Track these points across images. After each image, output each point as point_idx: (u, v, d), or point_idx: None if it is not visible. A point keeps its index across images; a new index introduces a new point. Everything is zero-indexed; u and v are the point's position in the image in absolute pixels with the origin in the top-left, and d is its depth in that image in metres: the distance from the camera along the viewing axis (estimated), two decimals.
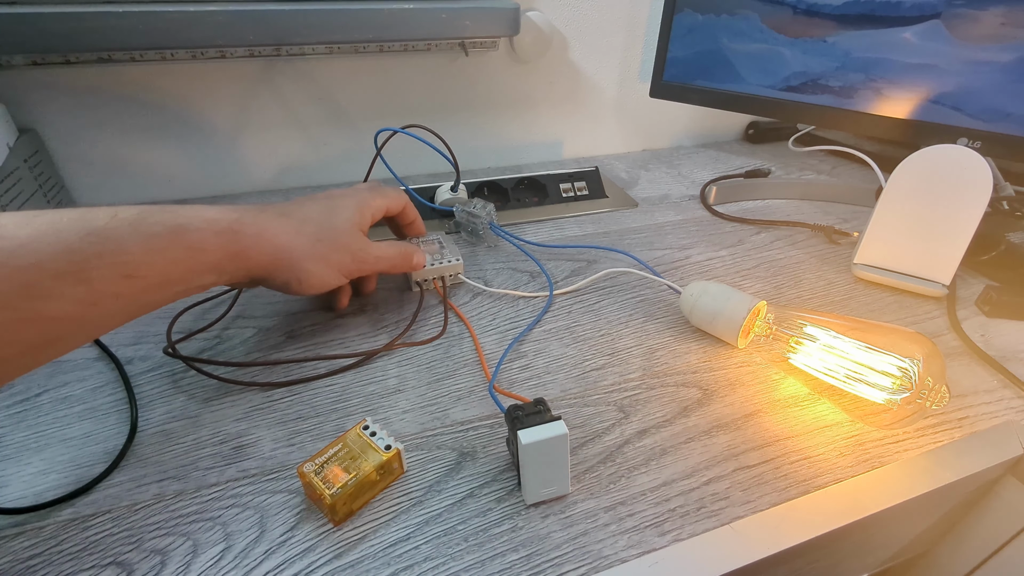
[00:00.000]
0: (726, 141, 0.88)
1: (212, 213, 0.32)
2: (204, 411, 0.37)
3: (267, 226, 0.35)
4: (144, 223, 0.29)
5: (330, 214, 0.39)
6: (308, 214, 0.38)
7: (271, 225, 0.35)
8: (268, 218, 0.35)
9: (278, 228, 0.35)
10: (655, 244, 0.57)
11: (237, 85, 0.62)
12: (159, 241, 0.29)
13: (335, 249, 0.38)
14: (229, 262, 0.33)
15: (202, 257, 0.31)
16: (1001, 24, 0.48)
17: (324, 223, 0.38)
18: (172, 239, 0.30)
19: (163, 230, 0.29)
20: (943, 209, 0.47)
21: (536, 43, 0.68)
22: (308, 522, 0.30)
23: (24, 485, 0.32)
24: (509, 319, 0.46)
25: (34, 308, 0.25)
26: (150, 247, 0.29)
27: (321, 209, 0.39)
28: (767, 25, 0.60)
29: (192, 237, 0.31)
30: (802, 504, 0.32)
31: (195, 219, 0.31)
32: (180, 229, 0.30)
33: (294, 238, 0.36)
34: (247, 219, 0.34)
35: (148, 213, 0.29)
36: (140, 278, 0.28)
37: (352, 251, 0.39)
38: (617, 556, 0.29)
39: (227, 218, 0.33)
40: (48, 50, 0.52)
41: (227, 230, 0.32)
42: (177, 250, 0.30)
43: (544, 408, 0.31)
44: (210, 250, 0.31)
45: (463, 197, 0.59)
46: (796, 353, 0.40)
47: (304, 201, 0.39)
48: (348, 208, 0.40)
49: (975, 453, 0.35)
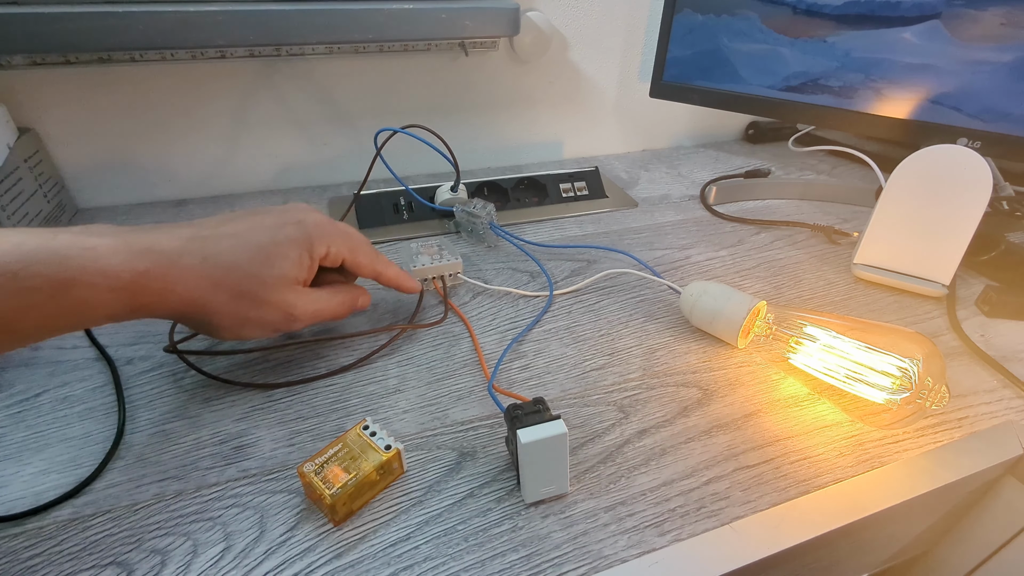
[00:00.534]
0: (726, 141, 0.88)
1: (114, 262, 0.28)
2: (204, 411, 0.37)
3: (179, 279, 0.30)
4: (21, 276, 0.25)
5: (264, 263, 0.33)
6: (236, 259, 0.32)
7: (185, 277, 0.30)
8: (184, 268, 0.30)
9: (192, 281, 0.31)
10: (655, 244, 0.57)
11: (237, 85, 0.62)
12: (38, 297, 0.26)
13: (258, 306, 0.33)
14: (128, 314, 0.30)
15: (90, 312, 0.28)
16: (1001, 24, 0.48)
17: (252, 273, 0.33)
18: (54, 296, 0.26)
19: (44, 285, 0.26)
20: (943, 209, 0.47)
21: (536, 43, 0.68)
22: (308, 522, 0.30)
23: (24, 485, 0.32)
24: (509, 319, 0.46)
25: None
26: (26, 304, 0.26)
27: (253, 254, 0.33)
28: (767, 25, 0.60)
29: (79, 294, 0.27)
30: (802, 504, 0.32)
31: (89, 271, 0.27)
32: (67, 284, 0.26)
33: (209, 293, 0.31)
34: (156, 271, 0.29)
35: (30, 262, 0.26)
36: (13, 332, 0.26)
37: (282, 309, 0.34)
38: (617, 556, 0.29)
39: (130, 270, 0.28)
40: (48, 50, 0.52)
41: (127, 287, 0.28)
42: (59, 306, 0.27)
43: (543, 407, 0.31)
44: (101, 306, 0.28)
45: (463, 197, 0.59)
46: (796, 353, 0.40)
47: (240, 233, 0.33)
48: (290, 258, 0.34)
49: (975, 453, 0.35)
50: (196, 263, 0.31)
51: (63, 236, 0.27)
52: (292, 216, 0.35)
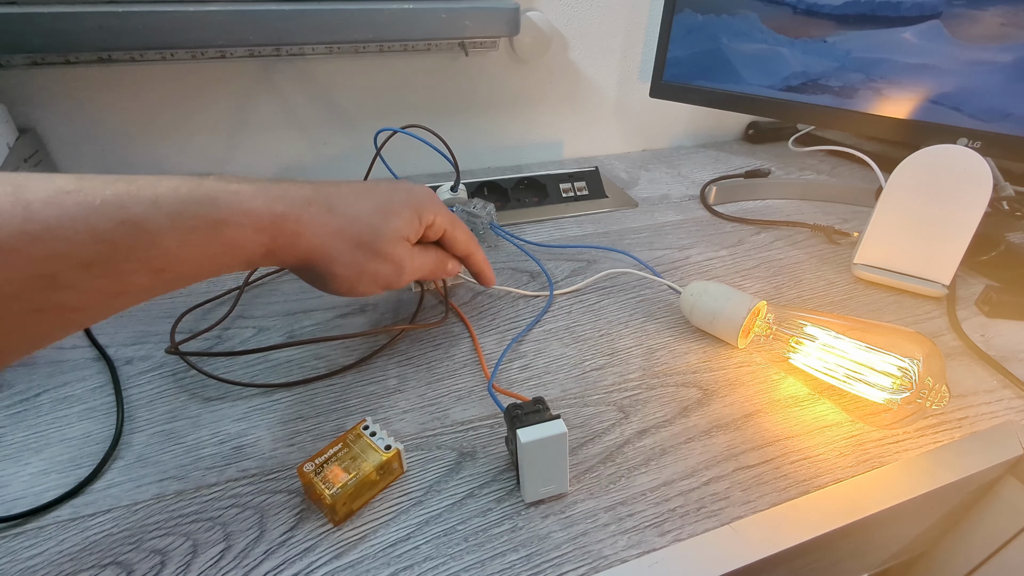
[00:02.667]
0: (726, 141, 0.88)
1: (257, 204, 0.29)
2: (204, 411, 0.37)
3: (310, 224, 0.32)
4: (184, 216, 0.26)
5: (383, 217, 0.35)
6: (359, 212, 0.34)
7: (314, 224, 0.32)
8: (313, 215, 0.32)
9: (320, 228, 0.32)
10: (655, 244, 0.57)
11: (237, 85, 0.62)
12: (197, 237, 0.27)
13: (374, 258, 0.35)
14: (263, 258, 0.31)
15: (238, 253, 0.29)
16: (1001, 24, 0.48)
17: (373, 226, 0.34)
18: (210, 235, 0.28)
19: (203, 225, 0.27)
20: (943, 209, 0.47)
21: (536, 43, 0.68)
22: (308, 522, 0.30)
23: (24, 485, 0.32)
24: (509, 319, 0.46)
25: (52, 299, 0.23)
26: (187, 243, 0.27)
27: (374, 209, 0.35)
28: (767, 25, 0.60)
29: (231, 234, 0.28)
30: (802, 504, 0.32)
31: (237, 212, 0.28)
32: (220, 224, 0.28)
33: (333, 240, 0.33)
34: (292, 214, 0.31)
35: (190, 203, 0.27)
36: (171, 271, 0.27)
37: (393, 263, 0.36)
38: (617, 556, 0.29)
39: (271, 212, 0.30)
40: (48, 50, 0.52)
41: (268, 227, 0.30)
42: (214, 246, 0.28)
43: (543, 407, 0.31)
44: (247, 246, 0.29)
45: (463, 197, 0.59)
46: (796, 353, 0.40)
47: (359, 191, 0.35)
48: (403, 217, 0.36)
49: (975, 453, 0.35)
50: (322, 211, 0.32)
51: (208, 182, 0.28)
52: (404, 185, 0.38)
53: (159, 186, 0.26)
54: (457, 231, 0.40)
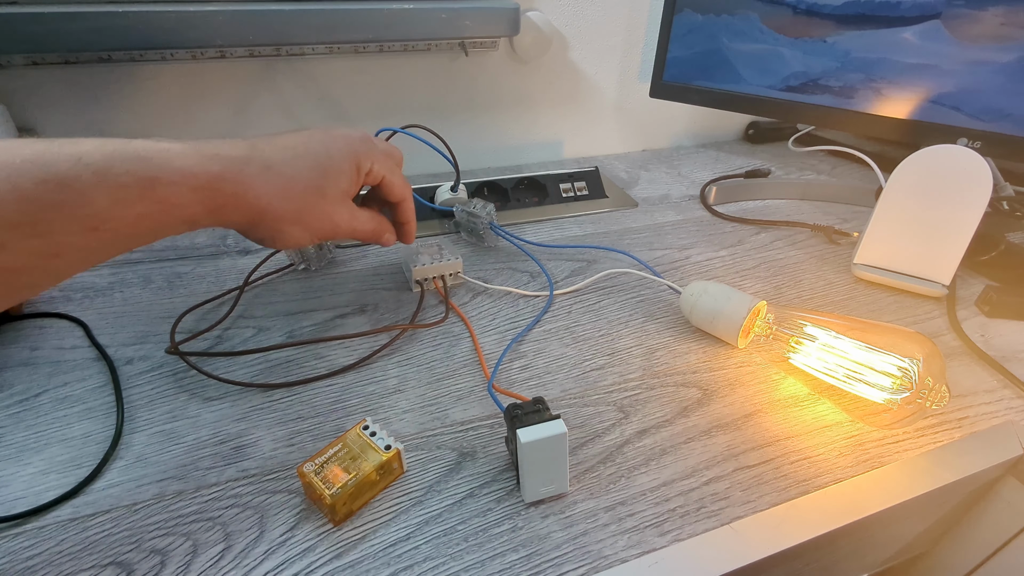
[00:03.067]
0: (726, 141, 0.88)
1: (189, 163, 0.29)
2: (204, 411, 0.37)
3: (250, 184, 0.31)
4: (112, 172, 0.26)
5: (322, 175, 0.35)
6: (298, 171, 0.34)
7: (254, 184, 0.32)
8: (252, 174, 0.31)
9: (261, 188, 0.32)
10: (655, 244, 0.57)
11: (237, 85, 0.62)
12: (128, 194, 0.26)
13: (316, 215, 0.35)
14: (205, 217, 0.30)
15: (176, 212, 0.28)
16: (1001, 24, 0.48)
17: (313, 184, 0.34)
18: (143, 192, 0.27)
19: (133, 182, 0.26)
20: (943, 209, 0.47)
21: (536, 43, 0.68)
22: (308, 522, 0.30)
23: (24, 485, 0.32)
24: (509, 319, 0.46)
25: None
26: (118, 199, 0.26)
27: (312, 166, 0.35)
28: (767, 25, 0.60)
29: (165, 192, 0.27)
30: (802, 504, 0.32)
31: (168, 170, 0.28)
32: (152, 182, 0.27)
33: (277, 200, 0.33)
34: (229, 175, 0.30)
35: (117, 159, 0.26)
36: (106, 230, 0.26)
37: (333, 220, 0.36)
38: (617, 556, 0.29)
39: (206, 172, 0.29)
40: (48, 50, 0.52)
41: (205, 186, 0.29)
42: (148, 204, 0.27)
43: (543, 407, 0.31)
44: (185, 205, 0.29)
45: (463, 197, 0.59)
46: (796, 353, 0.40)
47: (297, 147, 0.35)
48: (343, 172, 0.36)
49: (975, 453, 0.35)
50: (261, 171, 0.32)
51: (137, 141, 0.28)
52: (339, 131, 0.37)
53: (83, 144, 0.26)
54: (395, 177, 0.40)
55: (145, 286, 0.49)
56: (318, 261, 0.51)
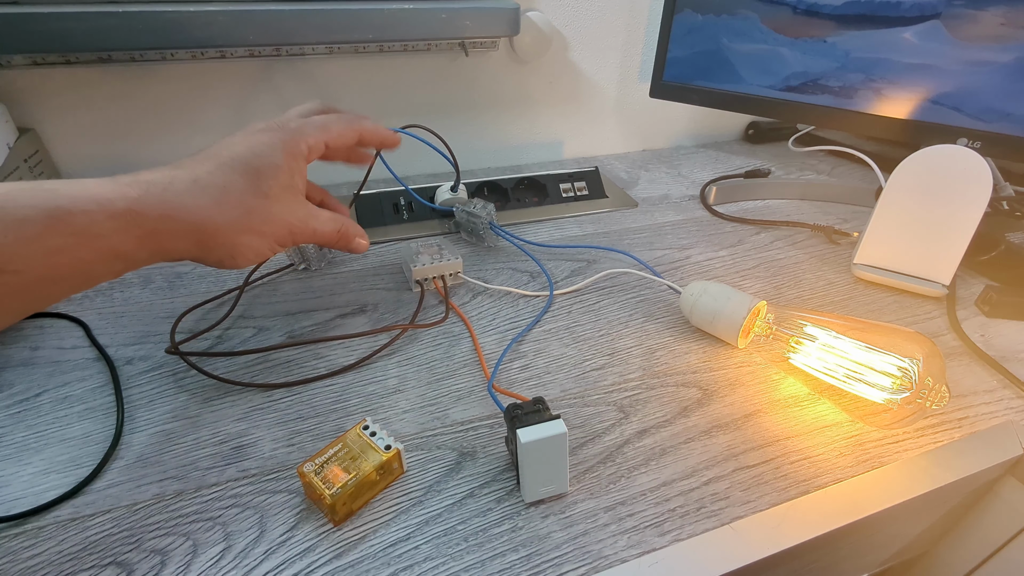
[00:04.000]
0: (726, 141, 0.88)
1: (105, 191, 0.27)
2: (204, 411, 0.37)
3: (178, 204, 0.29)
4: (11, 207, 0.24)
5: (256, 175, 0.32)
6: (229, 181, 0.31)
7: (183, 202, 0.29)
8: (178, 192, 0.29)
9: (191, 203, 0.29)
10: (655, 244, 0.57)
11: (237, 85, 0.62)
12: (32, 227, 0.24)
13: (265, 218, 0.32)
14: (137, 248, 0.28)
15: (98, 244, 0.26)
16: (1001, 24, 0.48)
17: (249, 187, 0.31)
18: (50, 224, 0.25)
19: (37, 214, 0.24)
20: (943, 209, 0.47)
21: (536, 43, 0.68)
22: (308, 522, 0.30)
23: (24, 485, 0.32)
24: (509, 319, 0.46)
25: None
26: (22, 235, 0.24)
27: (243, 169, 0.31)
28: (767, 25, 0.60)
29: (79, 222, 0.25)
30: (802, 504, 0.32)
31: (81, 199, 0.26)
32: (60, 212, 0.25)
33: (214, 212, 0.30)
34: (151, 198, 0.28)
35: (18, 192, 0.24)
36: (14, 272, 0.24)
37: (287, 220, 0.33)
38: (617, 556, 0.29)
39: (124, 198, 0.27)
40: (48, 50, 0.52)
41: (125, 213, 0.27)
42: (60, 237, 0.25)
43: (543, 407, 0.31)
44: (107, 235, 0.26)
45: (463, 197, 0.59)
46: (796, 353, 0.40)
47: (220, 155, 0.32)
48: (278, 166, 0.32)
49: (975, 453, 0.35)
50: (187, 187, 0.29)
51: (50, 182, 0.26)
52: (258, 125, 0.35)
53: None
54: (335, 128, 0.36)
55: (145, 286, 0.49)
56: (318, 261, 0.52)
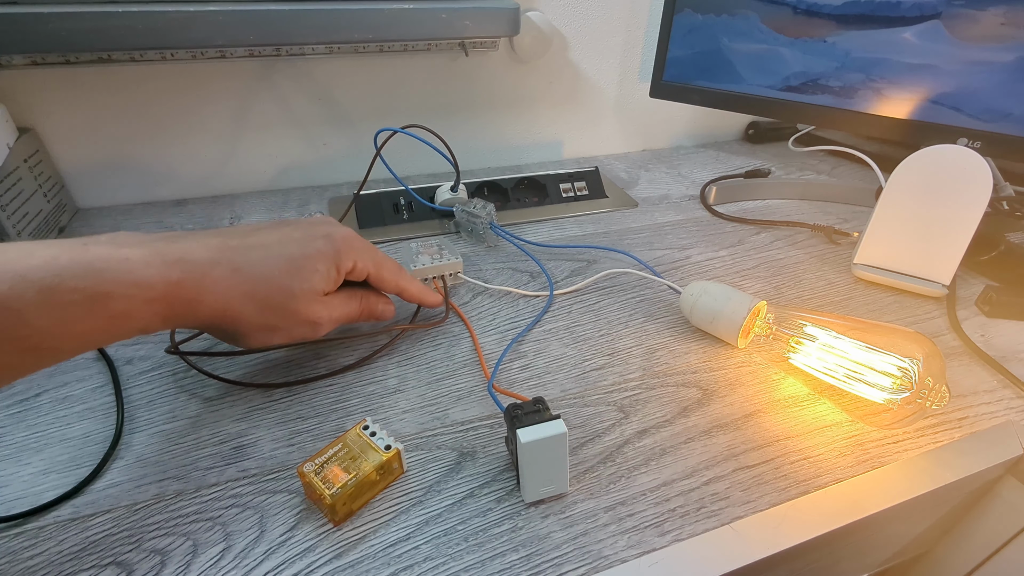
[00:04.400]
0: (726, 141, 0.88)
1: (149, 273, 0.27)
2: (204, 411, 0.37)
3: (211, 290, 0.30)
4: (59, 291, 0.24)
5: (294, 275, 0.33)
6: (267, 272, 0.32)
7: (216, 288, 0.30)
8: (216, 279, 0.30)
9: (223, 291, 0.30)
10: (655, 244, 0.57)
11: (237, 85, 0.62)
12: (76, 312, 0.25)
13: (286, 317, 0.33)
14: (160, 324, 0.29)
15: (127, 324, 0.27)
16: (1001, 24, 0.48)
17: (283, 286, 0.32)
18: (91, 309, 0.25)
19: (81, 299, 0.25)
20: (943, 209, 0.47)
21: (536, 43, 0.68)
22: (308, 522, 0.30)
23: (24, 485, 0.32)
24: (509, 319, 0.46)
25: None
26: (62, 319, 0.25)
27: (284, 267, 0.33)
28: (767, 25, 0.60)
29: (117, 307, 0.26)
30: (802, 504, 0.32)
31: (124, 283, 0.26)
32: (103, 298, 0.26)
33: (239, 303, 0.31)
34: (189, 282, 0.29)
35: (67, 275, 0.25)
36: (48, 349, 0.25)
37: (309, 322, 0.34)
38: (617, 556, 0.29)
39: (164, 281, 0.28)
40: (48, 50, 0.52)
41: (161, 298, 0.28)
42: (97, 320, 0.26)
43: (543, 407, 0.31)
44: (138, 317, 0.27)
45: (463, 197, 0.59)
46: (796, 353, 0.40)
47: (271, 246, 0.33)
48: (319, 272, 0.34)
49: (975, 453, 0.35)
50: (227, 274, 0.31)
51: (94, 248, 0.26)
52: (320, 230, 0.35)
53: (33, 256, 0.24)
54: (383, 271, 0.38)
55: None
56: None
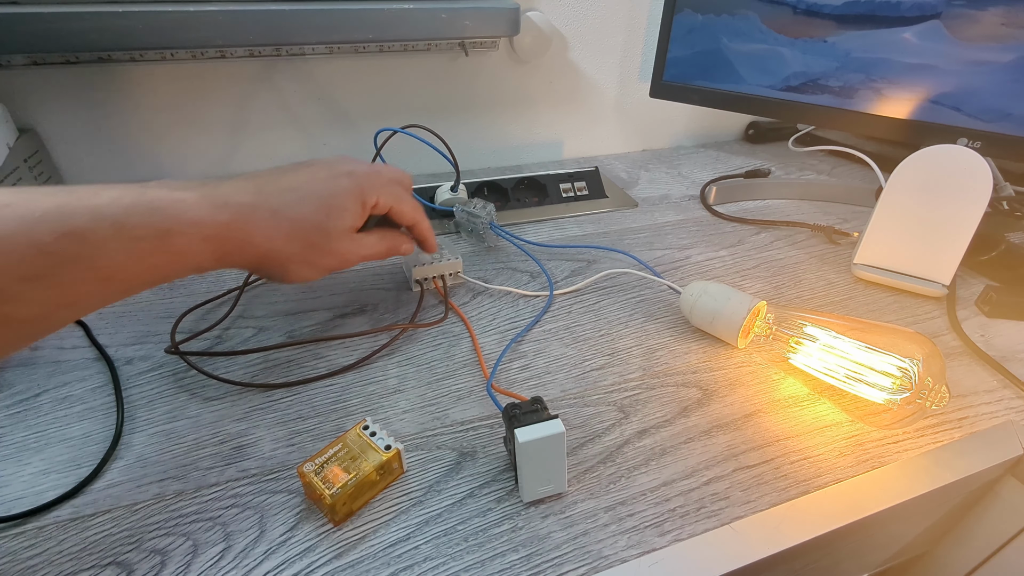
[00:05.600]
0: (726, 141, 0.88)
1: (202, 214, 0.30)
2: (204, 411, 0.37)
3: (257, 230, 0.33)
4: (128, 226, 0.27)
5: (327, 215, 0.36)
6: (304, 213, 0.35)
7: (262, 229, 0.33)
8: (259, 221, 0.33)
9: (269, 232, 0.33)
10: (655, 244, 0.57)
11: (237, 85, 0.62)
12: (143, 246, 0.27)
13: (324, 254, 0.36)
14: (212, 263, 0.31)
15: (186, 261, 0.30)
16: (1001, 24, 0.48)
17: (319, 225, 0.35)
18: (157, 245, 0.28)
19: (149, 234, 0.27)
20: (943, 209, 0.47)
21: (536, 43, 0.68)
22: (308, 522, 0.30)
23: (24, 485, 0.32)
24: (509, 319, 0.46)
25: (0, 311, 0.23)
26: (133, 252, 0.27)
27: (317, 207, 0.35)
28: (767, 25, 0.60)
29: (178, 243, 0.29)
30: (802, 504, 0.32)
31: (182, 222, 0.29)
32: (166, 235, 0.28)
33: (284, 244, 0.34)
34: (237, 224, 0.31)
35: (134, 212, 0.27)
36: (118, 281, 0.27)
37: (341, 255, 0.37)
38: (617, 556, 0.29)
39: (216, 222, 0.30)
40: (48, 50, 0.52)
41: (214, 236, 0.30)
42: (161, 255, 0.28)
43: (541, 407, 0.31)
44: (194, 254, 0.30)
45: (463, 197, 0.59)
46: (796, 353, 0.40)
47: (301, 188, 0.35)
48: (348, 209, 0.37)
49: (975, 453, 0.35)
50: (268, 216, 0.33)
51: (151, 190, 0.28)
52: (343, 167, 0.38)
53: (101, 196, 0.26)
54: (402, 205, 0.41)
55: None
56: None
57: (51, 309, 0.25)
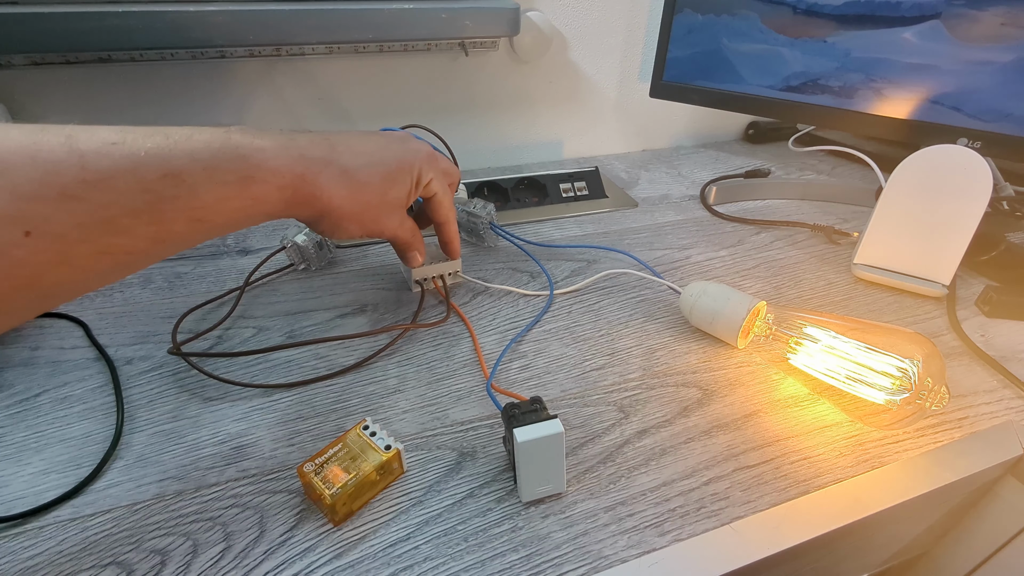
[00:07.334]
0: (726, 141, 0.88)
1: (280, 163, 0.32)
2: (204, 411, 0.37)
3: (326, 186, 0.34)
4: (219, 170, 0.29)
5: (389, 183, 0.38)
6: (369, 179, 0.37)
7: (330, 186, 0.35)
8: (329, 177, 0.35)
9: (336, 190, 0.35)
10: (655, 244, 0.57)
11: (237, 85, 0.62)
12: (229, 190, 0.29)
13: (376, 219, 0.38)
14: (281, 211, 0.33)
15: (262, 207, 0.32)
16: (1001, 24, 0.48)
17: (380, 191, 0.38)
18: (241, 189, 0.30)
19: (234, 179, 0.29)
20: (943, 209, 0.47)
21: (536, 43, 0.68)
22: (308, 522, 0.30)
23: (24, 485, 0.32)
24: (509, 319, 0.46)
25: (110, 242, 0.25)
26: (221, 195, 0.29)
27: (383, 175, 0.38)
28: (767, 25, 0.60)
29: (257, 189, 0.31)
30: (802, 504, 0.32)
31: (263, 170, 0.31)
32: (249, 180, 0.30)
33: (346, 202, 0.36)
34: (310, 176, 0.33)
35: (222, 158, 0.29)
36: (207, 222, 0.29)
37: (384, 223, 0.39)
38: (617, 556, 0.29)
39: (291, 172, 0.32)
40: (48, 50, 0.52)
41: (289, 186, 0.32)
42: (243, 200, 0.30)
43: (540, 406, 0.31)
44: (270, 202, 0.32)
45: (463, 197, 0.59)
46: (796, 353, 0.40)
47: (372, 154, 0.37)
48: (404, 184, 0.39)
49: (975, 453, 0.35)
50: (338, 174, 0.35)
51: (235, 136, 0.30)
52: (411, 144, 0.40)
53: (193, 140, 0.28)
54: (445, 197, 0.43)
55: (145, 286, 0.49)
56: (318, 261, 0.52)
57: (149, 244, 0.27)
